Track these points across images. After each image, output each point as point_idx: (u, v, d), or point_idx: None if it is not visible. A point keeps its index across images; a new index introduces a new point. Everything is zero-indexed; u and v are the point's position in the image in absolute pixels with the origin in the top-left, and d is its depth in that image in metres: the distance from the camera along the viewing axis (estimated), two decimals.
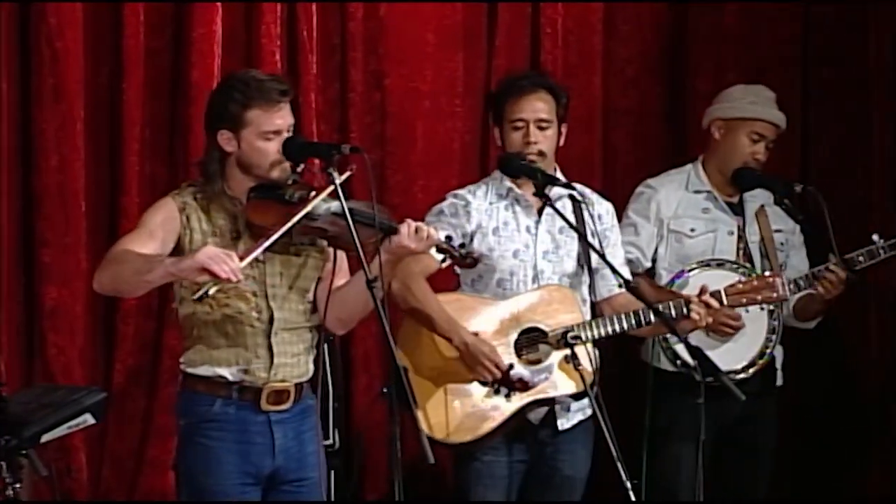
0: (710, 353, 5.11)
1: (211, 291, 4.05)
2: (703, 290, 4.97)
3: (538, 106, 4.96)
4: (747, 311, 5.25)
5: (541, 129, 4.95)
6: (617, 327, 4.94)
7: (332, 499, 5.25)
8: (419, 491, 5.36)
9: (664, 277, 5.40)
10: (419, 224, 4.33)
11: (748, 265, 5.38)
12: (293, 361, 4.38)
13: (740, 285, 5.02)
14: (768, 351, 5.34)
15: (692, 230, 5.43)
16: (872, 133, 6.35)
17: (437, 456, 4.07)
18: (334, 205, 4.22)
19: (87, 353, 5.59)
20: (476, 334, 4.87)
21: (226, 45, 5.67)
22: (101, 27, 5.63)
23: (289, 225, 4.18)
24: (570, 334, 4.85)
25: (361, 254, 4.16)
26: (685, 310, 4.94)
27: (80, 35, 5.55)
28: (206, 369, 4.34)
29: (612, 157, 6.25)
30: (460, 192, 5.06)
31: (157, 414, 5.60)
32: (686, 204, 5.47)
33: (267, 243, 4.17)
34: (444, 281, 5.05)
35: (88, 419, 4.88)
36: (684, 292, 5.18)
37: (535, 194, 4.91)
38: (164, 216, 4.32)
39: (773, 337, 5.34)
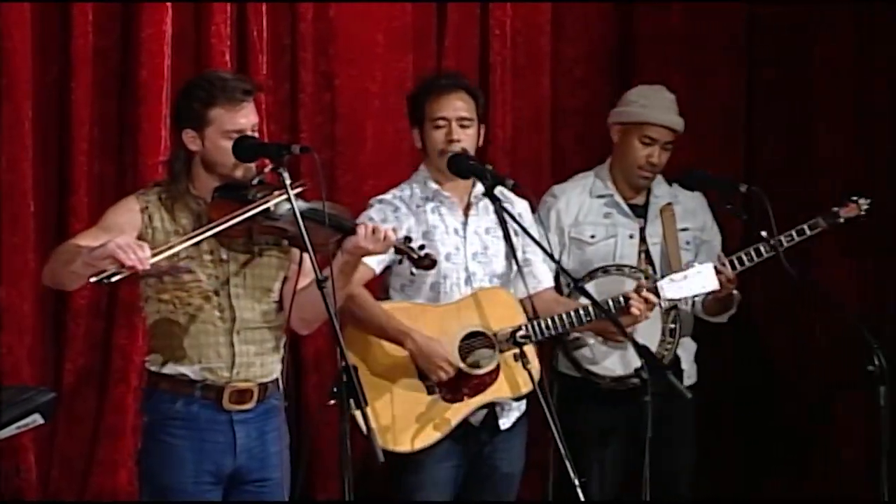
0: (607, 361, 5.28)
1: (114, 279, 4.02)
2: (639, 286, 5.02)
3: (459, 104, 4.98)
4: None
5: (462, 127, 4.98)
6: (564, 324, 4.98)
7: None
8: (369, 490, 5.38)
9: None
10: (377, 225, 4.36)
11: (643, 268, 5.39)
12: (256, 361, 4.40)
13: (674, 278, 5.06)
14: (667, 353, 5.35)
15: (592, 236, 5.44)
16: (816, 133, 6.42)
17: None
18: (296, 205, 4.23)
19: (36, 352, 5.57)
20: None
21: (175, 45, 5.66)
22: (50, 27, 5.60)
23: (223, 226, 4.20)
24: (519, 334, 4.87)
25: (311, 253, 4.17)
26: (623, 303, 4.99)
27: (28, 35, 5.52)
28: (169, 367, 4.36)
29: (560, 157, 6.29)
30: (385, 197, 5.04)
31: (107, 414, 5.59)
32: (587, 210, 5.49)
33: (190, 241, 4.19)
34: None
35: (37, 419, 4.85)
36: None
37: (484, 194, 4.94)
38: (123, 214, 4.35)
39: (672, 339, 5.34)
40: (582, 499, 4.58)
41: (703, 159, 6.12)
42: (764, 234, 5.24)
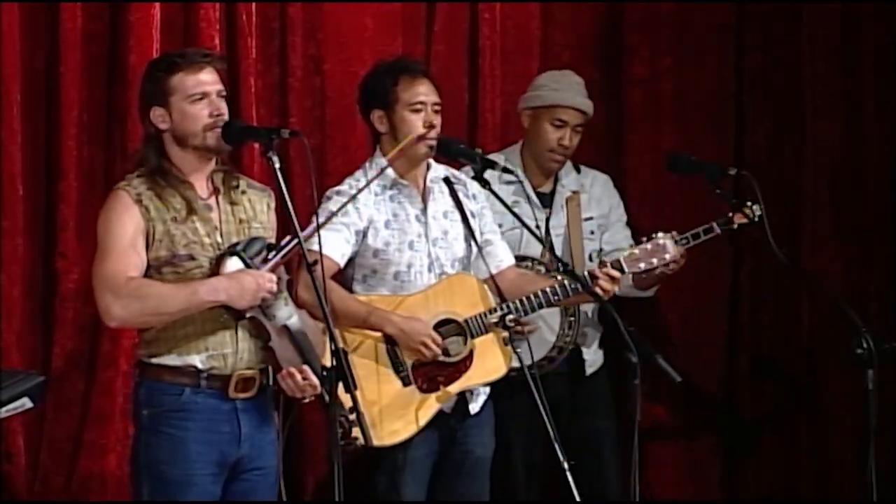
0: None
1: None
2: (602, 263, 5.03)
3: (432, 89, 4.99)
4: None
5: (436, 112, 4.98)
6: (544, 301, 4.97)
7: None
8: (357, 474, 5.38)
9: None
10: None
11: (545, 260, 5.38)
12: (256, 346, 4.36)
13: (636, 251, 5.05)
14: (565, 346, 5.43)
15: (500, 225, 5.38)
16: (805, 118, 6.43)
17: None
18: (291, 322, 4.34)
19: (25, 336, 5.56)
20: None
21: (164, 29, 5.65)
22: (38, 11, 5.59)
23: None
24: (508, 317, 4.87)
25: (301, 242, 4.18)
26: (590, 282, 4.97)
27: (16, 19, 5.51)
28: (174, 358, 4.31)
29: None
30: (342, 188, 4.97)
31: (96, 397, 5.59)
32: (495, 198, 5.44)
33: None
34: None
35: (26, 403, 4.84)
36: None
37: (474, 178, 4.95)
38: (130, 220, 4.29)
39: (570, 332, 5.41)
40: (571, 482, 4.61)
41: (692, 144, 6.13)
42: (674, 233, 5.20)
